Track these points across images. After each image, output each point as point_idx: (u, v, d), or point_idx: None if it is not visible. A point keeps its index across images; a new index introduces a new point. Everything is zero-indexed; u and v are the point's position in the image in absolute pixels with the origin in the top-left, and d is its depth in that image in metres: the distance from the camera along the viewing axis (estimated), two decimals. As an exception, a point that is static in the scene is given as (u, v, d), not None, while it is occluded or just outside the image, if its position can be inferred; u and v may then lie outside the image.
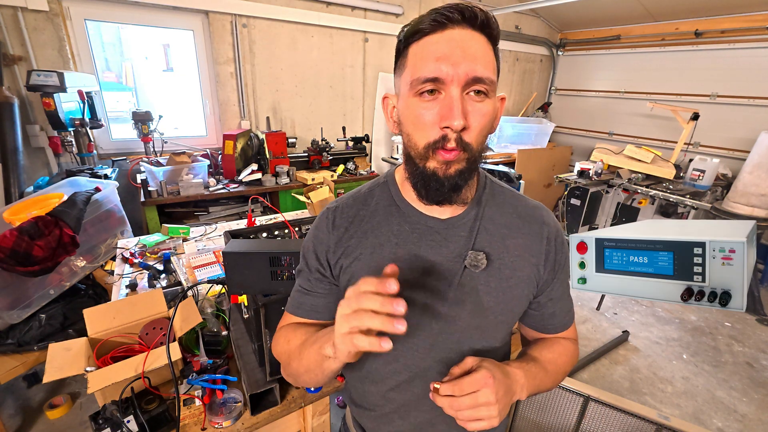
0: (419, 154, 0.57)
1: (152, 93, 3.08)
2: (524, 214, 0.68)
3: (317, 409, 1.05)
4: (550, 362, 0.69)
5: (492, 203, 0.67)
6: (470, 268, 0.63)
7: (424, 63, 0.53)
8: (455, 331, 0.65)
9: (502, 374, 0.58)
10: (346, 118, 3.81)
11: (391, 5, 3.64)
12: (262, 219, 2.14)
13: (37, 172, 2.54)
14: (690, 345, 2.65)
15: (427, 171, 0.57)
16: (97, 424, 0.80)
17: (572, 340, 0.76)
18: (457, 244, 0.64)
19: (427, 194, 0.59)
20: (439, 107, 0.53)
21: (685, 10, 3.75)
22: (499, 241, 0.65)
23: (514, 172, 2.51)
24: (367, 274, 0.61)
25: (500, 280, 0.64)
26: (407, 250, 0.64)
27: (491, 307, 0.64)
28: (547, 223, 0.69)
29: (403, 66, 0.57)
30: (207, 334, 1.11)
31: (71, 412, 1.89)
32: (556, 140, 5.21)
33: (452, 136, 0.54)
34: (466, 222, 0.65)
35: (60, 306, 1.89)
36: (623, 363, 2.46)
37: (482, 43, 0.54)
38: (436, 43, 0.53)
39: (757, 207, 2.87)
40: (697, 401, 2.18)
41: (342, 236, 0.67)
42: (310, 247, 0.70)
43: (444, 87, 0.53)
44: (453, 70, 0.51)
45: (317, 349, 0.58)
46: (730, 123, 3.72)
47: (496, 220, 0.66)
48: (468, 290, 0.64)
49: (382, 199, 0.68)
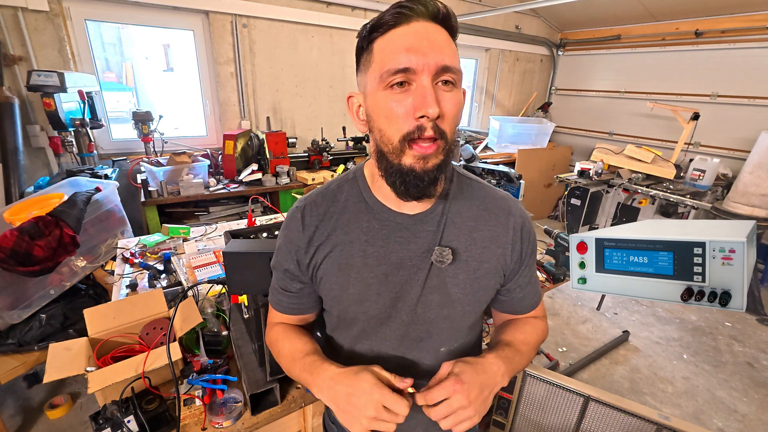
0: (394, 149, 0.57)
1: (152, 93, 3.09)
2: (491, 206, 0.69)
3: (317, 409, 1.05)
4: (522, 343, 0.71)
5: (459, 197, 0.68)
6: (436, 263, 0.64)
7: (393, 55, 0.53)
8: (424, 322, 0.68)
9: (473, 374, 0.59)
10: (346, 118, 3.81)
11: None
12: (262, 219, 2.14)
13: (38, 172, 2.54)
14: (690, 345, 2.65)
15: (403, 168, 0.57)
16: (98, 424, 0.80)
17: (541, 318, 0.80)
18: (425, 240, 0.65)
19: (407, 191, 0.59)
20: (411, 98, 0.54)
21: (686, 9, 3.75)
22: (466, 234, 0.66)
23: (514, 172, 2.51)
24: (338, 271, 0.67)
25: (467, 272, 0.66)
26: (376, 247, 0.65)
27: (459, 299, 0.67)
28: (513, 214, 0.70)
29: (369, 62, 0.57)
30: (207, 334, 1.11)
31: (71, 412, 1.89)
32: (556, 140, 5.21)
33: (428, 124, 0.54)
34: (433, 217, 0.66)
35: (60, 306, 1.89)
36: (623, 363, 2.46)
37: (445, 36, 0.56)
38: (404, 36, 0.54)
39: (757, 207, 2.87)
40: (697, 401, 2.18)
41: (312, 235, 0.68)
42: (281, 246, 0.71)
43: (415, 77, 0.54)
44: (423, 60, 0.52)
45: (305, 382, 0.66)
46: (730, 123, 3.72)
47: (463, 213, 0.67)
48: (436, 283, 0.66)
49: (351, 195, 0.69)
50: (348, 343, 0.74)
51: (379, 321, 0.68)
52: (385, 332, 0.69)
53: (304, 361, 0.66)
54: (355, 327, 0.70)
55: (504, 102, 5.06)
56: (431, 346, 0.70)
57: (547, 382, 1.41)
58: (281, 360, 0.73)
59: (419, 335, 0.69)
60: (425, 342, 0.69)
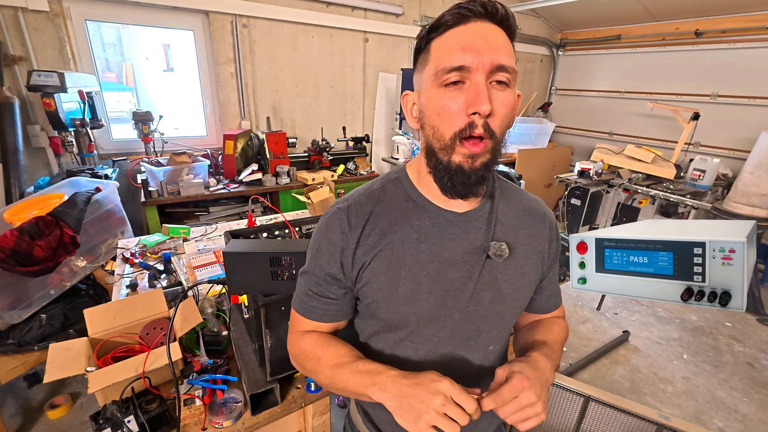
0: (445, 146, 0.58)
1: (153, 93, 3.08)
2: (528, 206, 0.73)
3: (317, 409, 1.05)
4: (555, 342, 0.74)
5: (501, 197, 0.71)
6: (494, 257, 0.65)
7: (449, 53, 0.55)
8: (475, 319, 0.68)
9: (532, 370, 0.60)
10: (346, 118, 3.81)
11: (391, 5, 3.64)
12: (262, 219, 2.14)
13: (38, 172, 2.54)
14: (690, 345, 2.65)
15: (452, 165, 0.59)
16: (98, 424, 0.80)
17: (563, 317, 0.84)
18: (477, 236, 0.67)
19: (453, 188, 0.60)
20: (465, 95, 0.55)
21: (686, 9, 3.74)
22: (512, 231, 0.69)
23: (514, 172, 2.51)
24: (388, 270, 0.65)
25: (516, 267, 0.69)
26: (429, 245, 0.65)
27: (509, 294, 0.68)
28: (547, 214, 0.75)
29: (426, 61, 0.59)
30: (207, 334, 1.11)
31: (72, 412, 1.89)
32: (556, 140, 5.21)
33: (479, 122, 0.55)
34: (482, 215, 0.68)
35: (60, 306, 1.89)
36: (623, 363, 2.45)
37: (502, 36, 0.56)
38: (460, 35, 0.55)
39: (757, 207, 2.87)
40: (697, 401, 2.18)
41: (360, 235, 0.65)
42: (321, 249, 0.67)
43: (469, 75, 0.54)
44: (478, 59, 0.53)
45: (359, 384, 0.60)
46: (730, 123, 3.71)
47: (507, 212, 0.70)
48: (488, 279, 0.67)
49: (396, 195, 0.68)
50: (389, 348, 0.71)
51: (428, 321, 0.67)
52: (433, 333, 0.67)
53: (357, 364, 0.63)
54: (402, 329, 0.68)
55: (504, 102, 5.05)
56: (480, 345, 0.70)
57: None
58: (320, 367, 0.66)
59: (469, 333, 0.68)
60: (474, 340, 0.69)
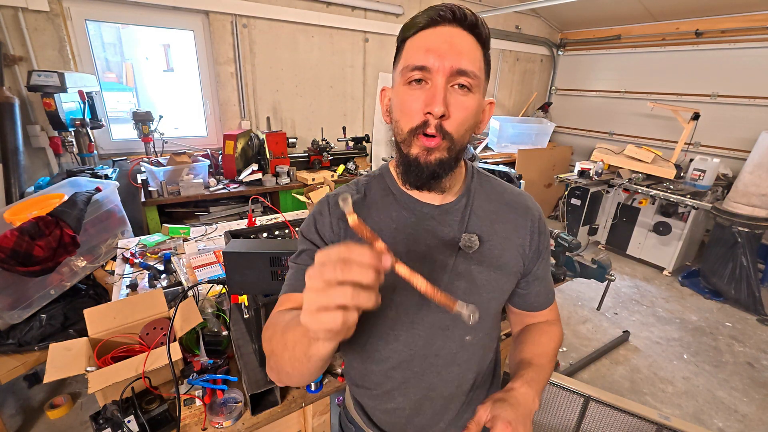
0: (404, 139, 0.62)
1: (153, 93, 3.08)
2: (510, 201, 0.75)
3: (317, 409, 1.05)
4: (541, 356, 0.75)
5: (480, 192, 0.74)
6: (464, 249, 0.68)
7: (415, 53, 0.58)
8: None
9: (513, 411, 0.62)
10: (346, 118, 3.81)
11: (391, 5, 3.64)
12: (262, 219, 2.14)
13: (38, 172, 2.54)
14: (691, 345, 2.65)
15: (410, 156, 0.62)
16: (98, 424, 0.80)
17: (554, 322, 0.84)
18: (452, 228, 0.69)
19: (407, 178, 0.64)
20: (424, 95, 0.58)
21: (686, 9, 3.75)
22: (488, 225, 0.71)
23: (514, 172, 2.51)
24: None
25: (491, 259, 0.70)
26: (405, 234, 0.68)
27: (484, 285, 0.70)
28: (530, 208, 0.76)
29: (399, 58, 0.63)
30: (207, 334, 1.11)
31: (72, 412, 1.89)
32: (556, 140, 5.21)
33: (433, 122, 0.58)
34: (458, 208, 0.71)
35: (60, 306, 1.89)
36: (624, 363, 2.46)
37: (470, 42, 0.59)
38: (428, 37, 0.58)
39: (757, 207, 2.87)
40: (697, 401, 2.18)
41: (342, 215, 0.68)
42: (311, 227, 0.71)
43: (430, 76, 0.57)
44: (439, 62, 0.56)
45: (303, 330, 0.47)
46: (730, 123, 3.72)
47: (485, 206, 0.73)
48: (462, 270, 0.69)
49: (378, 189, 0.73)
50: (374, 337, 0.71)
51: (406, 308, 0.69)
52: (411, 320, 0.69)
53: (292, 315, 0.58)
54: (386, 316, 0.69)
55: (504, 102, 5.06)
56: (457, 335, 0.71)
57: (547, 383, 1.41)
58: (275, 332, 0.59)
59: (446, 323, 0.70)
60: (451, 330, 0.71)
